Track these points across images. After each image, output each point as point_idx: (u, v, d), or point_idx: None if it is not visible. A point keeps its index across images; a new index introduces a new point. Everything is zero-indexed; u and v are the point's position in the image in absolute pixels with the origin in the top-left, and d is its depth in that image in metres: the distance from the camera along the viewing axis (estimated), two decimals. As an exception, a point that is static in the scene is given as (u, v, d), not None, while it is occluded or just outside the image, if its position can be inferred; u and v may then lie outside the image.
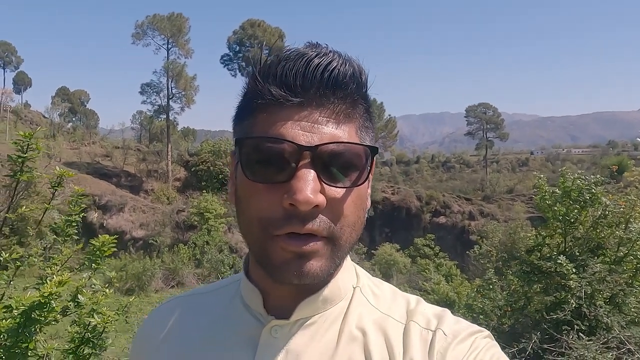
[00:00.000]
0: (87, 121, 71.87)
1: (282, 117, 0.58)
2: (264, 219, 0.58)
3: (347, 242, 0.60)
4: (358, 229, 0.62)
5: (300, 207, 0.55)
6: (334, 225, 0.58)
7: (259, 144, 0.59)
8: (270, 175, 0.57)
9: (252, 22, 46.91)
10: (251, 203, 0.59)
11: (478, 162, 73.10)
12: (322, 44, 0.62)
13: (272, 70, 0.59)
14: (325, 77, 0.58)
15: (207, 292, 0.78)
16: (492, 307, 6.97)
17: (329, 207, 0.57)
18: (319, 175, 0.56)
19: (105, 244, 2.44)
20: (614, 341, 4.46)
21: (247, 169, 0.59)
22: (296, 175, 0.55)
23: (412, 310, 0.67)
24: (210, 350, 0.67)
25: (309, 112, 0.58)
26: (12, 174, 2.00)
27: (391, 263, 25.72)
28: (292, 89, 0.58)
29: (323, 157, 0.57)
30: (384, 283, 0.74)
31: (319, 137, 0.57)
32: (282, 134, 0.57)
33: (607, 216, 5.47)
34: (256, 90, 0.60)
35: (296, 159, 0.56)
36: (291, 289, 0.64)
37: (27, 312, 1.77)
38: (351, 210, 0.60)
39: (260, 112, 0.60)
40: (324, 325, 0.65)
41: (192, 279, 20.58)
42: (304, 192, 0.54)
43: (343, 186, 0.58)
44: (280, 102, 0.58)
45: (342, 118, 0.60)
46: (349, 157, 0.58)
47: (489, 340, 0.64)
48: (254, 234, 0.59)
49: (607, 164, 43.02)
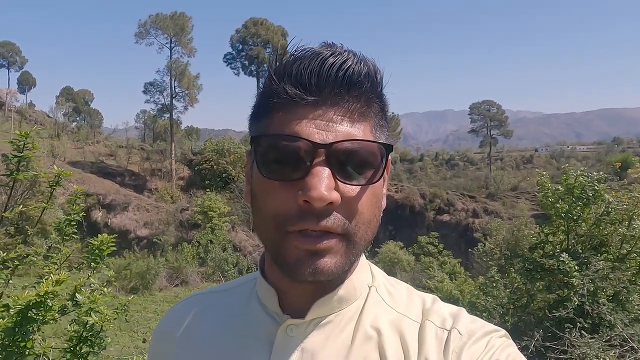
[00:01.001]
0: (91, 121, 72.14)
1: (297, 116, 0.59)
2: (279, 216, 0.58)
3: (362, 240, 0.61)
4: (373, 227, 0.62)
5: (315, 204, 0.55)
6: (349, 222, 0.59)
7: (275, 141, 0.60)
8: (285, 172, 0.58)
9: (255, 20, 46.93)
10: (267, 200, 0.60)
11: (482, 160, 72.86)
12: (337, 44, 0.63)
13: (288, 70, 0.60)
14: (340, 76, 0.59)
15: (224, 290, 0.79)
16: (495, 304, 6.95)
17: (343, 205, 0.58)
18: (334, 172, 0.57)
19: (104, 243, 2.45)
20: (617, 339, 4.44)
21: (263, 167, 0.60)
22: (311, 173, 0.56)
23: (427, 310, 0.68)
24: (226, 348, 0.68)
25: (324, 111, 0.59)
26: (8, 173, 2.01)
27: (395, 261, 25.67)
28: (307, 88, 0.59)
29: (337, 154, 0.57)
30: (400, 282, 0.74)
31: (334, 135, 0.58)
32: (297, 132, 0.58)
33: (610, 213, 5.44)
34: (272, 89, 0.61)
35: (311, 156, 0.57)
36: (307, 288, 0.65)
37: (24, 311, 1.78)
38: (366, 207, 0.60)
39: (276, 111, 0.61)
40: (339, 325, 0.65)
41: (196, 277, 20.64)
42: (318, 189, 0.55)
43: (358, 184, 0.59)
44: (296, 101, 0.59)
45: (357, 116, 0.60)
46: (364, 154, 0.59)
47: (505, 340, 0.64)
48: (269, 231, 0.60)
49: (612, 161, 42.84)
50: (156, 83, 42.74)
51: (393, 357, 0.62)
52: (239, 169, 34.61)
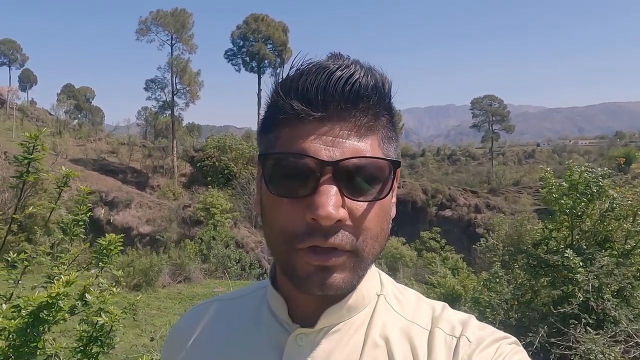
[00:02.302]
0: (93, 118, 72.13)
1: (304, 132, 0.59)
2: (287, 233, 0.59)
3: (369, 254, 0.61)
4: (381, 241, 0.62)
5: (322, 222, 0.55)
6: (357, 238, 0.59)
7: (281, 159, 0.60)
8: (293, 189, 0.58)
9: (256, 16, 46.82)
10: (275, 217, 0.61)
11: (484, 155, 72.81)
12: (345, 55, 0.62)
13: (294, 85, 0.60)
14: (347, 90, 0.58)
15: (236, 297, 0.80)
16: (498, 300, 6.95)
17: (351, 221, 0.58)
18: (341, 189, 0.57)
19: (111, 242, 2.46)
20: (622, 334, 4.44)
21: (271, 184, 0.60)
22: (318, 191, 0.56)
23: (437, 317, 0.68)
24: (237, 355, 0.69)
25: (331, 127, 0.58)
26: (18, 175, 2.01)
27: (397, 257, 25.70)
28: (313, 104, 0.58)
29: (345, 171, 0.57)
30: (409, 289, 0.75)
31: (341, 151, 0.58)
32: (304, 149, 0.58)
33: (615, 209, 5.43)
34: (278, 104, 0.61)
35: (318, 173, 0.57)
36: (316, 299, 0.65)
37: (36, 312, 1.79)
38: (374, 223, 0.60)
39: (283, 126, 0.61)
40: (348, 333, 0.66)
41: (199, 274, 20.66)
42: (326, 208, 0.55)
43: (365, 200, 0.59)
44: (302, 117, 0.59)
45: (364, 131, 0.60)
46: (372, 171, 0.59)
47: (514, 346, 0.64)
48: (278, 245, 0.61)
49: (615, 156, 42.74)
50: (157, 80, 42.79)
51: None
52: (241, 166, 34.61)
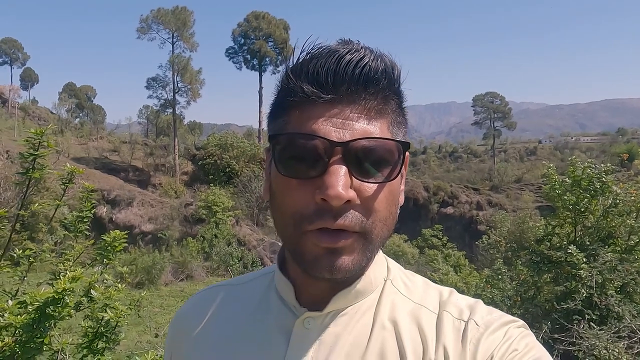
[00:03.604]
0: (94, 116, 72.17)
1: (314, 114, 0.59)
2: (296, 214, 0.59)
3: (378, 237, 0.61)
4: (390, 224, 0.63)
5: (332, 202, 0.55)
6: (366, 220, 0.59)
7: (292, 140, 0.60)
8: (302, 171, 0.58)
9: (257, 14, 46.77)
10: (284, 198, 0.61)
11: (486, 152, 72.70)
12: (354, 40, 0.63)
13: (304, 68, 0.60)
14: (357, 74, 0.59)
15: (243, 282, 0.80)
16: (501, 297, 6.96)
17: (360, 203, 0.58)
18: (351, 170, 0.57)
19: (116, 239, 2.46)
20: (625, 330, 4.44)
21: (281, 165, 0.60)
22: (328, 171, 0.56)
23: (444, 301, 0.68)
24: (244, 340, 0.69)
25: (341, 109, 0.59)
26: (24, 172, 2.01)
27: (399, 254, 25.68)
28: (324, 86, 0.59)
29: (354, 152, 0.58)
30: (416, 275, 0.75)
31: (351, 133, 0.58)
32: (314, 130, 0.58)
33: (618, 205, 5.43)
34: (289, 87, 0.61)
35: (328, 154, 0.57)
36: (324, 284, 0.65)
37: (42, 308, 1.80)
38: (383, 205, 0.60)
39: (293, 109, 0.61)
40: (355, 316, 0.66)
41: (202, 272, 20.70)
42: (335, 188, 0.55)
43: (375, 181, 0.59)
44: (312, 99, 0.59)
45: (374, 114, 0.60)
46: (381, 152, 0.59)
47: (522, 330, 0.64)
48: (288, 229, 0.61)
49: (617, 152, 42.66)
50: (159, 78, 42.72)
51: (411, 347, 0.62)
52: (242, 164, 34.63)
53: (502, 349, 0.60)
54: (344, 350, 0.63)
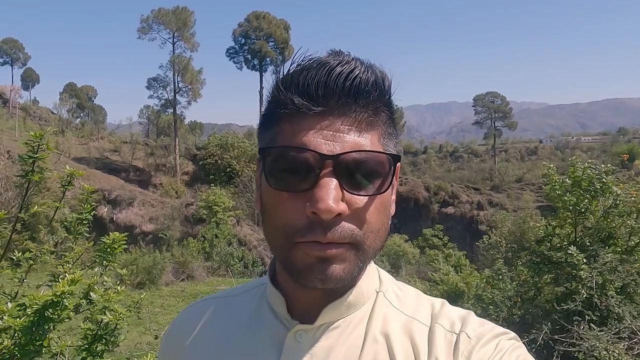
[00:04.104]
0: (95, 116, 72.29)
1: (304, 127, 0.59)
2: (287, 227, 0.59)
3: (370, 248, 0.61)
4: (382, 236, 0.63)
5: (322, 215, 0.55)
6: (358, 231, 0.59)
7: (282, 153, 0.60)
8: (293, 184, 0.58)
9: (257, 14, 46.77)
10: (276, 211, 0.60)
11: (486, 152, 72.65)
12: (345, 51, 0.63)
13: (295, 80, 0.60)
14: (347, 86, 0.58)
15: (235, 294, 0.80)
16: (501, 297, 6.95)
17: (351, 215, 0.58)
18: (342, 183, 0.57)
19: (115, 241, 2.46)
20: (626, 331, 4.44)
21: (271, 178, 0.60)
22: (318, 184, 0.56)
23: (436, 313, 0.68)
24: (237, 353, 0.69)
25: (331, 121, 0.59)
26: (23, 174, 2.02)
27: (400, 254, 25.70)
28: (314, 99, 0.59)
29: (345, 165, 0.57)
30: (408, 286, 0.75)
31: (341, 145, 0.58)
32: (304, 143, 0.58)
33: (618, 205, 5.42)
34: (279, 99, 0.61)
35: (319, 167, 0.57)
36: (316, 295, 0.65)
37: (41, 311, 1.80)
38: (374, 217, 0.60)
39: (284, 121, 0.61)
40: (347, 329, 0.66)
41: (202, 272, 20.70)
42: (326, 201, 0.55)
43: (366, 194, 0.59)
44: (303, 111, 0.59)
45: (365, 126, 0.60)
46: (371, 165, 0.59)
47: (514, 342, 0.64)
48: (279, 240, 0.61)
49: (618, 152, 42.60)
50: (159, 78, 42.82)
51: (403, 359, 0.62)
52: (243, 164, 34.66)
53: None
54: None
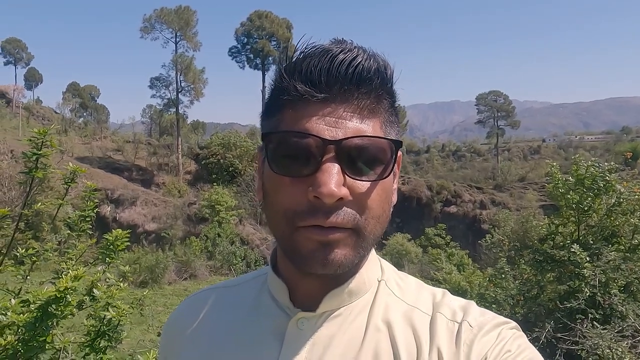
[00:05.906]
0: (98, 116, 72.32)
1: (307, 113, 0.60)
2: (289, 212, 0.59)
3: (371, 234, 0.61)
4: (383, 222, 0.63)
5: (325, 199, 0.56)
6: (359, 217, 0.59)
7: (285, 138, 0.60)
8: (295, 169, 0.59)
9: (260, 13, 46.74)
10: (277, 196, 0.61)
11: (489, 151, 72.51)
12: (348, 40, 0.63)
13: (298, 67, 0.61)
14: (350, 73, 0.59)
15: (236, 284, 0.80)
16: (504, 296, 6.94)
17: (353, 200, 0.59)
18: (344, 168, 0.58)
19: (118, 238, 2.47)
20: (629, 329, 4.42)
21: (274, 163, 0.61)
22: (321, 169, 0.57)
23: (438, 303, 0.68)
24: (237, 342, 0.69)
25: (334, 108, 0.59)
26: (27, 171, 2.03)
27: (402, 253, 25.65)
28: (317, 85, 0.59)
29: (347, 151, 0.58)
30: (409, 276, 0.75)
31: (343, 131, 0.58)
32: (307, 128, 0.59)
33: (622, 204, 5.41)
34: (282, 86, 0.62)
35: (321, 153, 0.57)
36: (317, 282, 0.65)
37: (44, 307, 1.81)
38: (376, 203, 0.61)
39: (287, 108, 0.62)
40: (349, 317, 0.66)
41: (205, 271, 20.74)
42: (328, 185, 0.55)
43: (367, 179, 0.59)
44: (306, 98, 0.60)
45: (367, 113, 0.61)
46: (373, 150, 0.59)
47: (515, 331, 0.65)
48: (281, 226, 0.61)
49: (621, 151, 42.44)
50: (162, 77, 42.82)
51: (405, 349, 0.62)
52: (246, 163, 34.66)
53: (496, 350, 0.60)
54: (338, 352, 0.63)
